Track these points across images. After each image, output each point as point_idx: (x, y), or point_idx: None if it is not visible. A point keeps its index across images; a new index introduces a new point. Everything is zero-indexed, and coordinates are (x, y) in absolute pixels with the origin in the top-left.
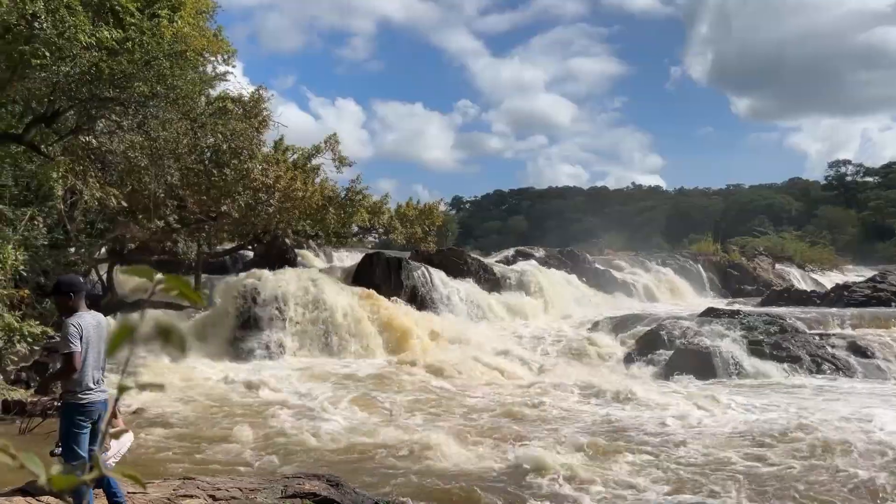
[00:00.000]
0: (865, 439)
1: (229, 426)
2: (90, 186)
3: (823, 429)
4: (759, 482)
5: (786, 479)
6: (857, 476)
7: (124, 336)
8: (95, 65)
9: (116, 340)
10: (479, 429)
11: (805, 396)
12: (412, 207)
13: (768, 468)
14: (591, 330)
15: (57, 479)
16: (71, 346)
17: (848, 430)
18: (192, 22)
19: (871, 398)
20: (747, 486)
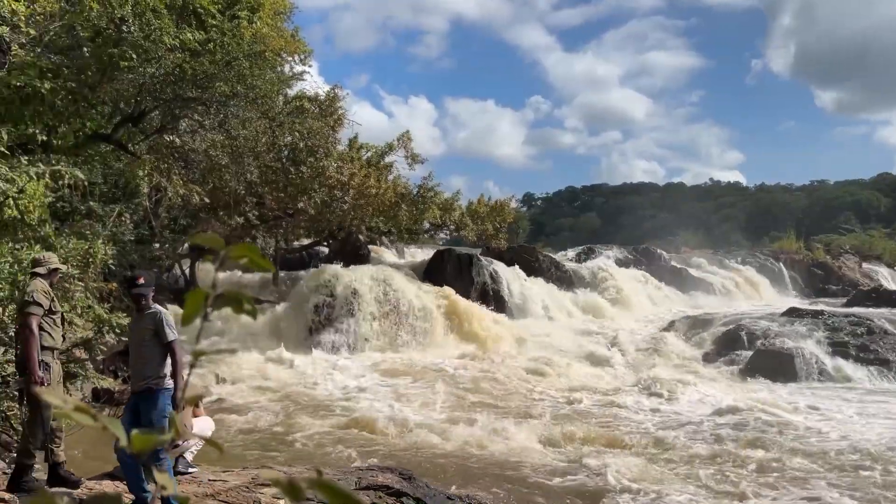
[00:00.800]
0: None
1: (304, 417)
2: (174, 184)
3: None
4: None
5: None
6: None
7: (198, 303)
8: (179, 66)
9: (190, 308)
10: (554, 429)
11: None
12: (483, 204)
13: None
14: (667, 329)
15: (138, 439)
16: (176, 335)
17: None
18: (270, 23)
19: None
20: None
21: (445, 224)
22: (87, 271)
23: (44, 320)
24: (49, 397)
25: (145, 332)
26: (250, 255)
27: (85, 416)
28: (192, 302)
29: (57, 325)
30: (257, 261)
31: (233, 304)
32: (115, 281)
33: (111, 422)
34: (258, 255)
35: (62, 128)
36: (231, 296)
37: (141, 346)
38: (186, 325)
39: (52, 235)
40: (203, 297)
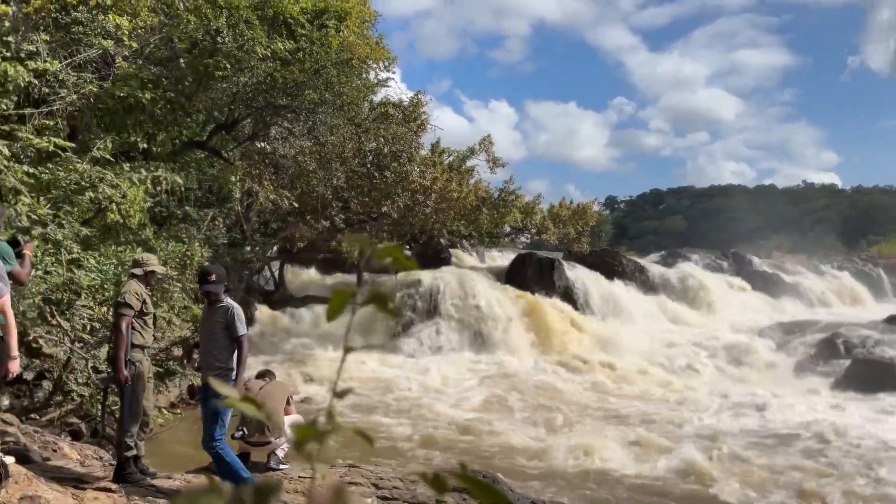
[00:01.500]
0: None
1: (388, 417)
2: (265, 189)
3: None
4: None
5: None
6: None
7: (343, 302)
8: (270, 75)
9: (335, 306)
10: (641, 437)
11: None
12: (565, 207)
13: None
14: (757, 336)
15: (300, 431)
16: (246, 330)
17: None
18: (356, 31)
19: None
20: None
21: (526, 227)
22: (185, 273)
23: (135, 321)
24: (221, 388)
25: (216, 325)
26: (395, 254)
27: (251, 406)
28: (336, 300)
29: (148, 326)
30: (401, 260)
31: (377, 303)
32: None
33: (274, 412)
34: (402, 255)
35: (161, 136)
36: (376, 295)
37: (212, 337)
38: (331, 321)
39: (151, 238)
40: (348, 296)
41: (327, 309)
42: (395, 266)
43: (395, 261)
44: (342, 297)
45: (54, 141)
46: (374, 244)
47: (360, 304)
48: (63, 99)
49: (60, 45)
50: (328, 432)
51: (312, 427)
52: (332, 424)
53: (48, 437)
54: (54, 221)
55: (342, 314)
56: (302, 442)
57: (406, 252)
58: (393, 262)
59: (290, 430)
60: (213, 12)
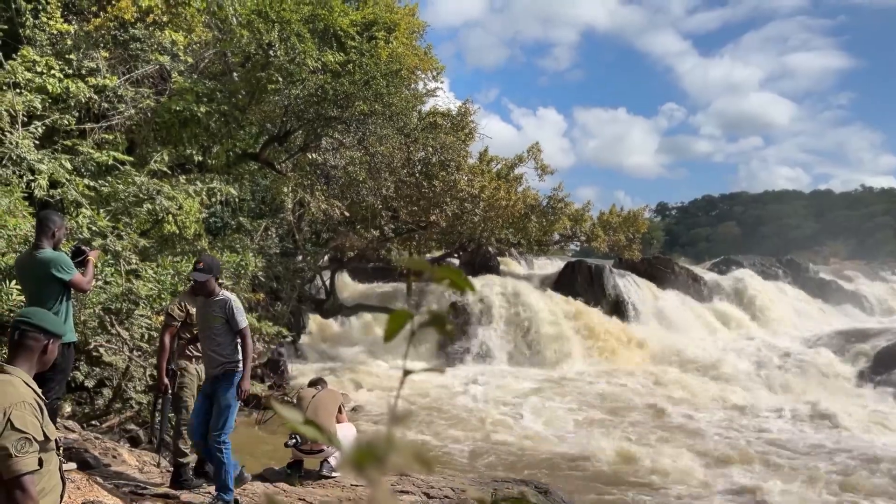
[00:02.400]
0: None
1: (440, 427)
2: (316, 199)
3: None
4: None
5: None
6: None
7: (402, 322)
8: (321, 87)
9: (393, 326)
10: (697, 449)
11: None
12: (615, 214)
13: None
14: (815, 345)
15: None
16: (246, 322)
17: None
18: (405, 42)
19: None
20: None
21: (576, 235)
22: (240, 282)
23: (182, 330)
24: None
25: (216, 320)
26: (452, 276)
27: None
28: (394, 321)
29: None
30: (458, 282)
31: (436, 324)
32: (262, 291)
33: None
34: (460, 277)
35: (215, 148)
36: (435, 316)
37: (212, 332)
38: (388, 342)
39: (206, 249)
40: (406, 317)
41: (385, 330)
42: (453, 288)
43: (452, 283)
44: (400, 318)
45: (113, 154)
46: (432, 266)
47: (418, 327)
48: (122, 114)
49: (119, 62)
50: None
51: (371, 450)
52: (391, 449)
53: (108, 444)
54: (113, 233)
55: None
56: (358, 465)
57: (456, 266)
58: (451, 285)
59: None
60: (266, 26)
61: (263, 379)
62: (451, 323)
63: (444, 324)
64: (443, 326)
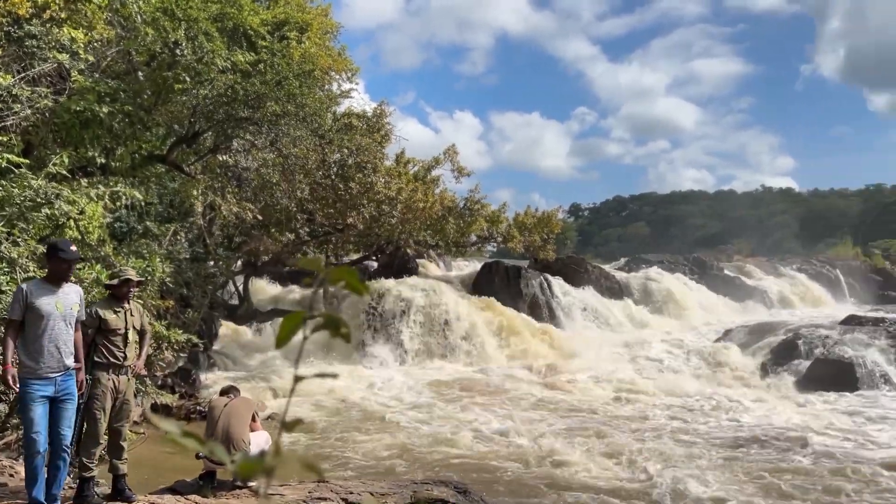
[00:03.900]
0: None
1: (358, 431)
2: (227, 202)
3: None
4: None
5: None
6: None
7: (294, 325)
8: (231, 87)
9: (286, 330)
10: (608, 443)
11: None
12: (530, 215)
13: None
14: (721, 339)
15: (243, 467)
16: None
17: None
18: (318, 42)
19: None
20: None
21: (492, 236)
22: (146, 289)
23: (98, 338)
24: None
25: (63, 308)
26: (347, 278)
27: (194, 441)
28: (287, 325)
29: (114, 344)
30: (354, 284)
31: (331, 328)
32: (171, 298)
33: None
34: (355, 279)
35: (119, 150)
36: (329, 319)
37: (57, 322)
38: (280, 348)
39: (111, 255)
40: (300, 320)
41: (277, 336)
42: (348, 289)
43: (347, 284)
44: (293, 321)
45: (7, 157)
46: (327, 266)
47: (311, 331)
48: (17, 114)
49: (13, 59)
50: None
51: (258, 461)
52: (279, 459)
53: (4, 462)
54: (9, 239)
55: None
56: (245, 476)
57: (373, 259)
58: (346, 286)
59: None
60: (172, 24)
61: (174, 389)
62: (346, 326)
63: (339, 327)
64: (337, 329)
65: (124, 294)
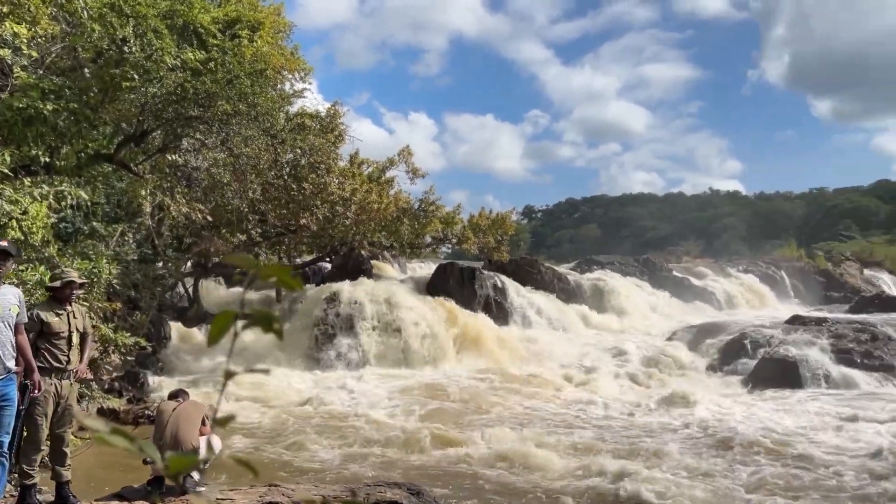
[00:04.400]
0: None
1: (310, 434)
2: (176, 202)
3: None
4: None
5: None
6: None
7: (226, 322)
8: (181, 85)
9: (218, 328)
10: (564, 442)
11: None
12: (484, 217)
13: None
14: (670, 340)
15: (174, 462)
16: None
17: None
18: (270, 41)
19: None
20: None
21: (447, 238)
22: (92, 291)
23: (40, 342)
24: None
25: (11, 308)
26: (279, 275)
27: (122, 439)
28: (219, 322)
29: (57, 347)
30: (286, 280)
31: (262, 325)
32: (118, 300)
33: (147, 444)
34: (287, 275)
35: (64, 149)
36: (260, 315)
37: (5, 322)
38: (213, 346)
39: (56, 256)
40: (231, 318)
41: (209, 334)
42: (280, 286)
43: (279, 281)
44: (224, 319)
45: None
46: (258, 263)
47: (242, 328)
48: None
49: None
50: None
51: (187, 458)
52: (211, 456)
53: None
54: None
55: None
56: (174, 473)
57: (327, 260)
58: (278, 283)
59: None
60: (119, 21)
61: (122, 393)
62: (278, 323)
63: (272, 324)
64: (270, 327)
65: (67, 296)
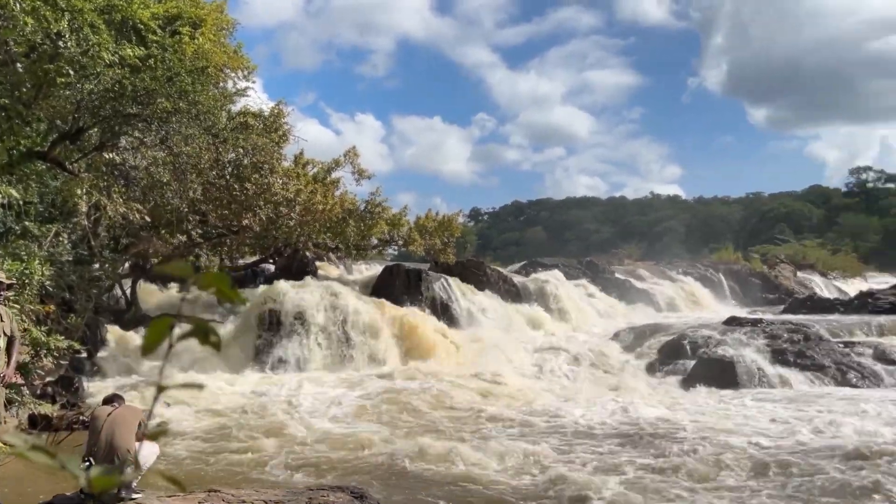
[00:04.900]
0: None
1: (253, 439)
2: (114, 202)
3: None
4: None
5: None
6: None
7: (161, 333)
8: (119, 82)
9: (152, 338)
10: (508, 443)
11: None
12: (431, 219)
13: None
14: (612, 340)
15: (97, 480)
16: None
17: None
18: (212, 38)
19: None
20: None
21: (394, 239)
22: (23, 293)
23: None
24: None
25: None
26: (219, 284)
27: (42, 455)
28: (154, 331)
29: None
30: (225, 291)
31: (198, 335)
32: (52, 303)
33: (69, 461)
34: (227, 285)
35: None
36: (197, 328)
37: None
38: (147, 355)
39: None
40: (167, 326)
41: (143, 343)
42: (218, 297)
43: (217, 291)
44: (159, 328)
45: None
46: (191, 270)
47: (177, 339)
48: None
49: None
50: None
51: (112, 474)
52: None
53: None
54: None
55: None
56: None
57: (271, 262)
58: (217, 294)
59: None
60: (54, 15)
61: (55, 398)
62: (215, 334)
63: (208, 335)
64: (206, 338)
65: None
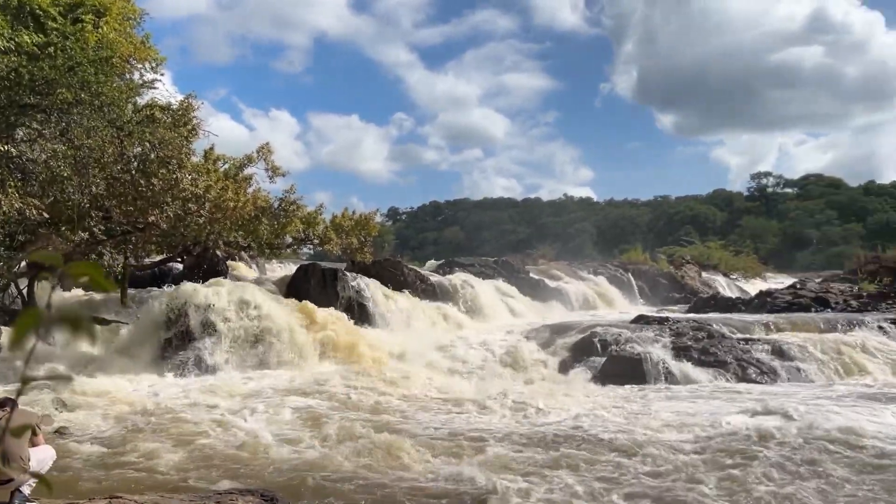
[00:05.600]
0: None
1: (159, 443)
2: (9, 197)
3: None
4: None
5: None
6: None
7: (29, 325)
8: (15, 70)
9: (21, 330)
10: (422, 443)
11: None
12: (348, 218)
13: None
14: (526, 339)
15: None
16: None
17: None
18: (118, 28)
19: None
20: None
21: (309, 238)
22: None
23: None
24: None
25: None
26: (91, 273)
27: None
28: (22, 323)
29: None
30: (99, 280)
31: (70, 327)
32: None
33: None
34: (100, 275)
35: None
36: (68, 317)
37: None
38: (14, 350)
39: None
40: (36, 319)
41: (11, 336)
42: (92, 286)
43: (91, 281)
44: (27, 320)
45: None
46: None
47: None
48: None
49: None
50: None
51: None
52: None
53: None
54: None
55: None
56: None
57: (178, 261)
58: (90, 283)
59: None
60: None
61: None
62: (89, 325)
63: (82, 326)
64: (78, 328)
65: None
